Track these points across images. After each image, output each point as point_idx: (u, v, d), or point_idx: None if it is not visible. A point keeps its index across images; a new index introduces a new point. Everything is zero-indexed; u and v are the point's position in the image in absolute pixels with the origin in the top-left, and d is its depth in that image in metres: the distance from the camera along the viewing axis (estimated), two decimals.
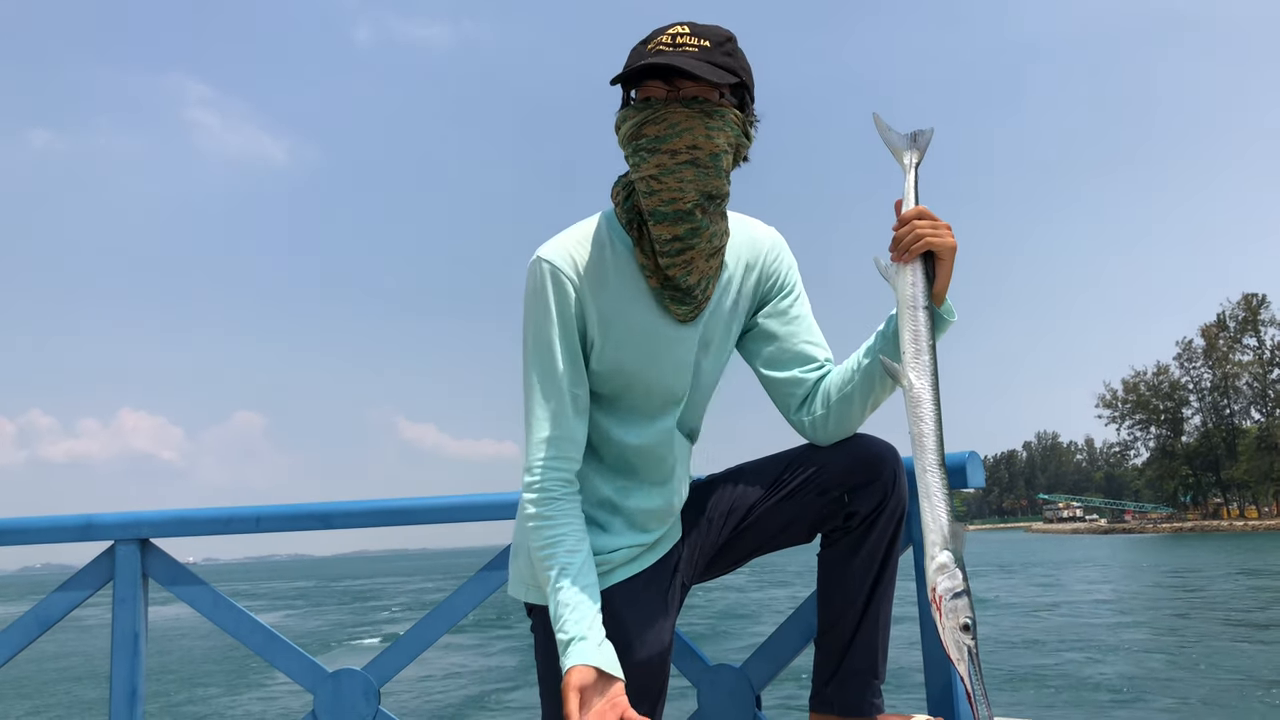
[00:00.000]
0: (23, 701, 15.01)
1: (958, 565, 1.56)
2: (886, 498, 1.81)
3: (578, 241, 1.76)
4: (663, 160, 1.65)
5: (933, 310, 1.72)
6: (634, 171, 1.70)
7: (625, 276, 1.75)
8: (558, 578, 1.66)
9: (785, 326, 1.89)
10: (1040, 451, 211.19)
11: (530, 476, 1.73)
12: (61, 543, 2.65)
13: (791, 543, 1.92)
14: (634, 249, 1.75)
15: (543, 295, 1.72)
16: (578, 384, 1.75)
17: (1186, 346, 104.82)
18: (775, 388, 1.90)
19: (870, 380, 1.80)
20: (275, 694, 14.34)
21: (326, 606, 37.02)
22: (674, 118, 1.64)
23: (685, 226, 1.69)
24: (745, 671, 2.21)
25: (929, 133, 1.86)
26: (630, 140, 1.68)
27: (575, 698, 1.54)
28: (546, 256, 1.73)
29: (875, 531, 1.82)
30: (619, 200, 1.78)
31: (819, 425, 1.85)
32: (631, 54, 1.71)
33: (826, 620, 1.88)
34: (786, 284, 1.91)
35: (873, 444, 1.85)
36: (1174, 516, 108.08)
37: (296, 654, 2.52)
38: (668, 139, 1.64)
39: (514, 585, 1.89)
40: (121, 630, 2.57)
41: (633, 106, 1.68)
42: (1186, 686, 12.34)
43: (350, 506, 2.56)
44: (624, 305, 1.75)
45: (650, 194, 1.68)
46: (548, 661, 1.75)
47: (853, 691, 1.85)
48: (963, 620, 1.52)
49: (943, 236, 1.70)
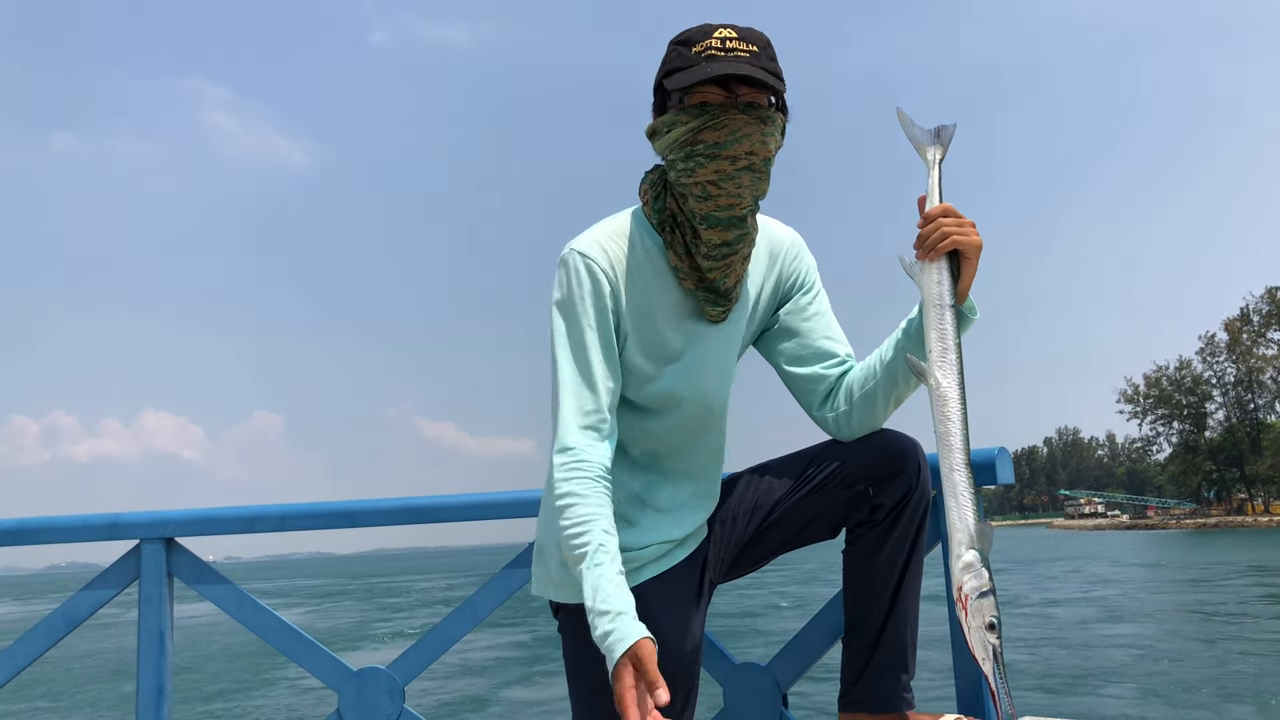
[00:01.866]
0: (49, 700, 15.15)
1: (984, 564, 1.56)
2: (911, 490, 1.81)
3: (610, 237, 1.75)
4: (722, 166, 1.65)
5: (958, 309, 1.71)
6: (683, 176, 1.69)
7: (657, 275, 1.75)
8: (595, 553, 1.58)
9: (806, 323, 1.90)
10: (1061, 447, 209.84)
11: (565, 457, 1.66)
12: (88, 542, 2.66)
13: (816, 538, 1.91)
14: (666, 250, 1.75)
15: (578, 288, 1.71)
16: (612, 377, 1.73)
17: (1209, 340, 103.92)
18: (797, 384, 1.90)
19: (894, 377, 1.80)
20: (295, 691, 14.42)
21: (346, 603, 37.22)
22: (734, 124, 1.64)
23: (737, 232, 1.71)
24: (771, 670, 2.19)
25: (952, 128, 1.85)
26: (683, 145, 1.67)
27: (654, 665, 1.49)
28: (581, 249, 1.72)
29: (900, 525, 1.82)
30: (648, 200, 1.77)
31: (842, 421, 1.85)
32: (673, 55, 1.70)
33: (853, 617, 1.87)
34: (806, 282, 1.92)
35: (896, 438, 1.85)
36: (1198, 512, 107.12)
37: (321, 652, 2.52)
38: (727, 145, 1.64)
39: (539, 585, 1.87)
40: (147, 629, 2.57)
41: (686, 111, 1.66)
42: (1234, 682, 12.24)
43: (374, 505, 2.56)
44: (656, 303, 1.75)
45: (706, 199, 1.67)
46: (580, 661, 1.73)
47: (882, 688, 1.83)
48: (988, 619, 1.52)
49: (968, 235, 1.69)
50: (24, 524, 2.70)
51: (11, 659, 2.61)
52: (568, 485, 1.64)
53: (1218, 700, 11.30)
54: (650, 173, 1.81)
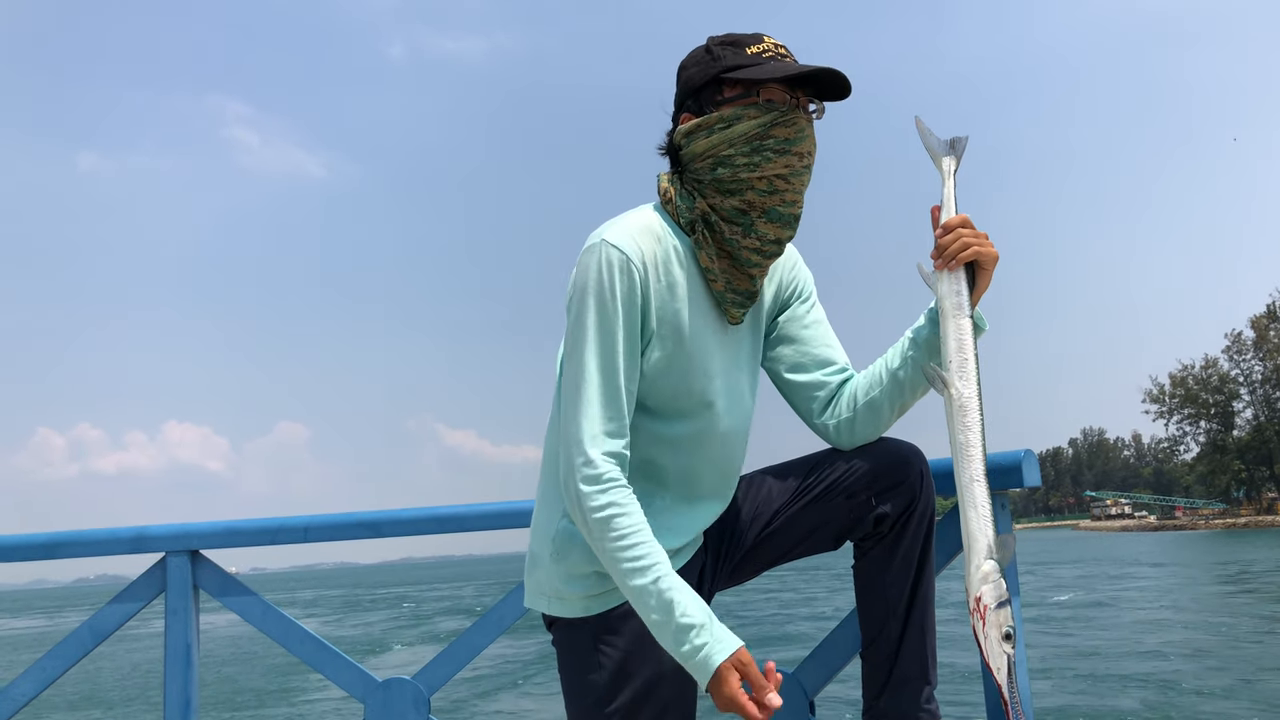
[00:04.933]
0: (75, 713, 15.26)
1: (1002, 575, 1.57)
2: (915, 499, 1.78)
3: (640, 231, 1.70)
4: (791, 162, 1.68)
5: (974, 318, 1.72)
6: (744, 170, 1.68)
7: (684, 274, 1.72)
8: (658, 565, 1.56)
9: (805, 331, 1.89)
10: (1086, 448, 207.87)
11: (591, 469, 1.59)
12: (115, 555, 2.68)
13: (818, 549, 1.87)
14: (695, 251, 1.73)
15: (609, 282, 1.64)
16: (632, 379, 1.68)
17: (1236, 338, 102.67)
18: (796, 392, 1.89)
19: (900, 386, 1.80)
20: (320, 702, 14.47)
21: (370, 613, 37.33)
22: (800, 123, 1.69)
23: (790, 231, 1.72)
24: (798, 677, 2.17)
25: (965, 140, 1.88)
26: (753, 139, 1.67)
27: (757, 669, 1.53)
28: (614, 242, 1.66)
29: (908, 535, 1.79)
30: (672, 199, 1.75)
31: (844, 429, 1.84)
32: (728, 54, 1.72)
33: (870, 632, 1.83)
34: (804, 292, 1.92)
35: (897, 446, 1.83)
36: (1227, 512, 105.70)
37: (346, 663, 2.52)
38: (796, 142, 1.68)
39: (532, 597, 1.82)
40: (174, 641, 2.59)
41: (757, 106, 1.68)
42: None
43: (398, 515, 2.56)
44: (682, 303, 1.72)
45: (772, 193, 1.69)
46: (579, 677, 1.71)
47: (906, 700, 1.80)
48: (1005, 630, 1.54)
49: (986, 246, 1.72)
50: (54, 538, 2.73)
51: (41, 672, 2.63)
52: (606, 496, 1.58)
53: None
54: (668, 174, 1.79)
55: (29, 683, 2.62)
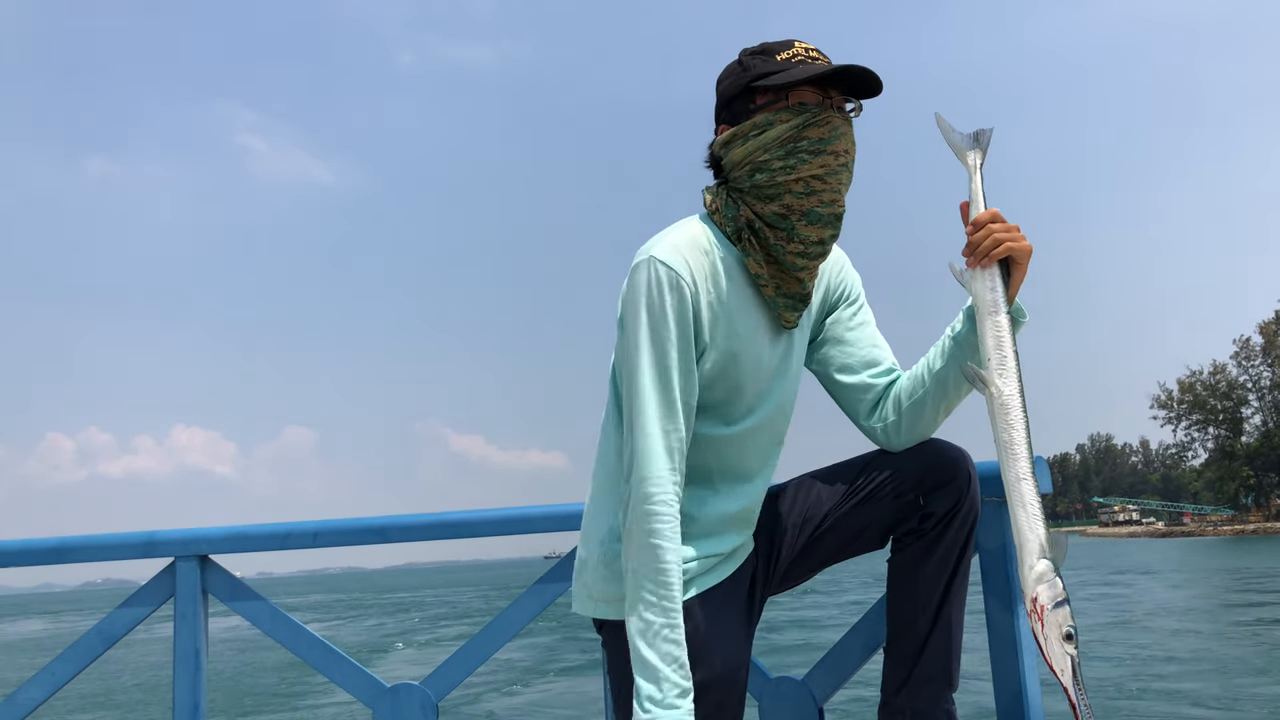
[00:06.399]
0: (86, 715, 15.28)
1: (1057, 574, 1.52)
2: (961, 500, 1.79)
3: (687, 245, 1.72)
4: (827, 161, 1.68)
5: (1011, 314, 1.70)
6: (781, 174, 1.69)
7: (734, 284, 1.73)
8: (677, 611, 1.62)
9: (852, 333, 1.90)
10: (1094, 454, 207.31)
11: (652, 487, 1.64)
12: (124, 559, 2.68)
13: (866, 549, 1.89)
14: (744, 259, 1.74)
15: (660, 299, 1.66)
16: (690, 393, 1.70)
17: (1244, 344, 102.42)
18: (845, 393, 1.89)
19: (944, 386, 1.79)
20: (328, 706, 14.46)
21: (377, 618, 37.32)
22: (834, 122, 1.69)
23: (833, 231, 1.72)
24: (808, 684, 2.16)
25: (989, 132, 1.84)
26: (785, 142, 1.68)
27: None
28: (662, 258, 1.68)
29: (949, 534, 1.80)
30: (719, 209, 1.76)
31: (891, 431, 1.84)
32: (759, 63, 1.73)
33: (897, 627, 1.85)
34: (852, 294, 1.93)
35: (946, 448, 1.84)
36: (1236, 519, 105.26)
37: (354, 669, 2.52)
38: (830, 141, 1.68)
39: (580, 602, 1.84)
40: (183, 647, 2.58)
41: (788, 109, 1.69)
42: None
43: (406, 520, 2.56)
44: (734, 312, 1.73)
45: (810, 194, 1.69)
46: (628, 678, 1.70)
47: (925, 699, 1.81)
48: (1065, 630, 1.49)
49: (1019, 240, 1.70)
50: (63, 543, 2.73)
51: (50, 676, 2.63)
52: (655, 524, 1.63)
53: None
54: (712, 186, 1.81)
55: (38, 687, 2.62)
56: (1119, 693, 11.78)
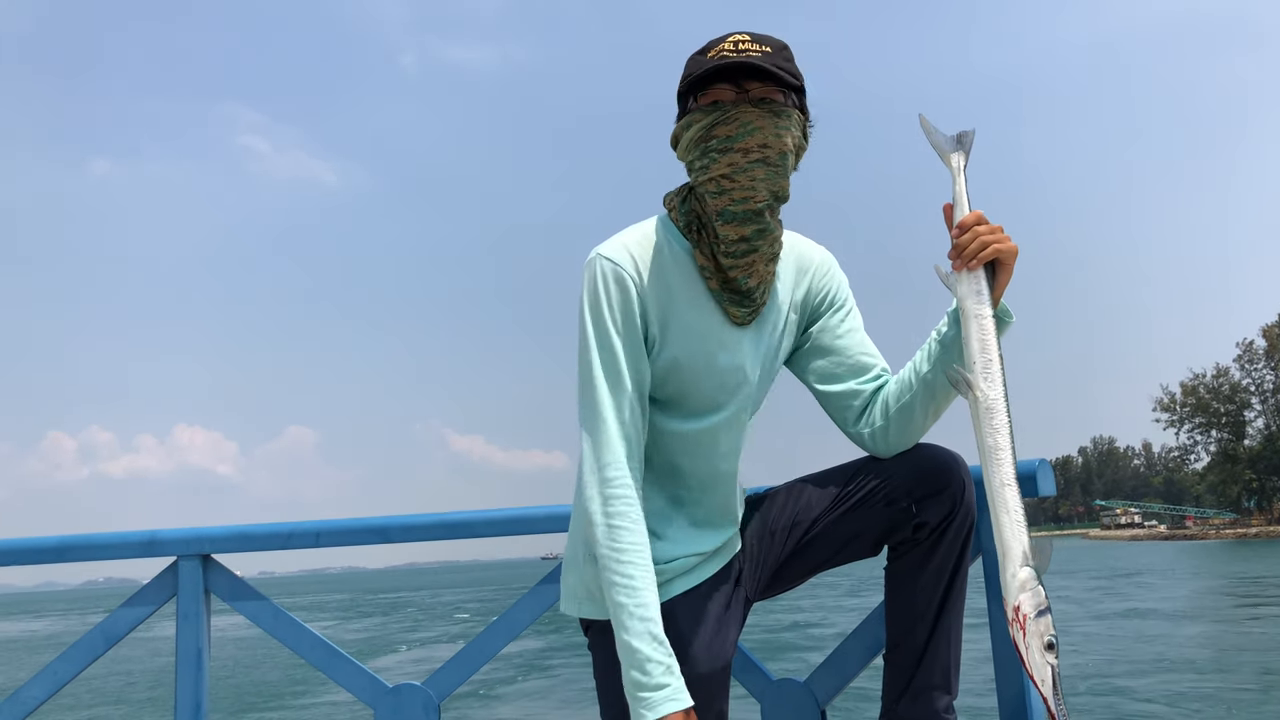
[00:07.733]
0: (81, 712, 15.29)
1: (1039, 582, 1.51)
2: (955, 508, 1.77)
3: (636, 241, 1.76)
4: (735, 159, 1.66)
5: (997, 317, 1.68)
6: (700, 175, 1.70)
7: (684, 277, 1.75)
8: (645, 589, 1.62)
9: (839, 340, 1.88)
10: (1096, 457, 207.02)
11: (610, 472, 1.67)
12: (126, 559, 2.69)
13: (857, 556, 1.87)
14: (693, 251, 1.75)
15: (605, 293, 1.71)
16: (642, 384, 1.73)
17: (1247, 347, 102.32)
18: (831, 401, 1.88)
19: (931, 390, 1.77)
20: (329, 706, 14.47)
21: (378, 618, 37.34)
22: (745, 117, 1.66)
23: (753, 227, 1.70)
24: (810, 686, 2.16)
25: (971, 133, 1.83)
26: (699, 143, 1.69)
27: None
28: (607, 254, 1.73)
29: (945, 543, 1.78)
30: (674, 205, 1.79)
31: (879, 437, 1.82)
32: (690, 63, 1.73)
33: (895, 635, 1.84)
34: (837, 299, 1.90)
35: (939, 453, 1.81)
36: (1238, 522, 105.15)
37: (357, 669, 2.52)
38: (739, 138, 1.66)
39: (567, 602, 1.85)
40: (185, 646, 2.59)
41: (700, 110, 1.68)
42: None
43: (408, 520, 2.56)
44: (682, 305, 1.74)
45: (721, 193, 1.68)
46: (613, 677, 1.71)
47: (924, 707, 1.80)
48: (1047, 639, 1.48)
49: (1004, 242, 1.68)
50: (65, 541, 2.73)
51: (53, 675, 2.63)
52: (616, 505, 1.65)
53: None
54: (679, 187, 1.82)
55: (40, 686, 2.62)
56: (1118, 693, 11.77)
